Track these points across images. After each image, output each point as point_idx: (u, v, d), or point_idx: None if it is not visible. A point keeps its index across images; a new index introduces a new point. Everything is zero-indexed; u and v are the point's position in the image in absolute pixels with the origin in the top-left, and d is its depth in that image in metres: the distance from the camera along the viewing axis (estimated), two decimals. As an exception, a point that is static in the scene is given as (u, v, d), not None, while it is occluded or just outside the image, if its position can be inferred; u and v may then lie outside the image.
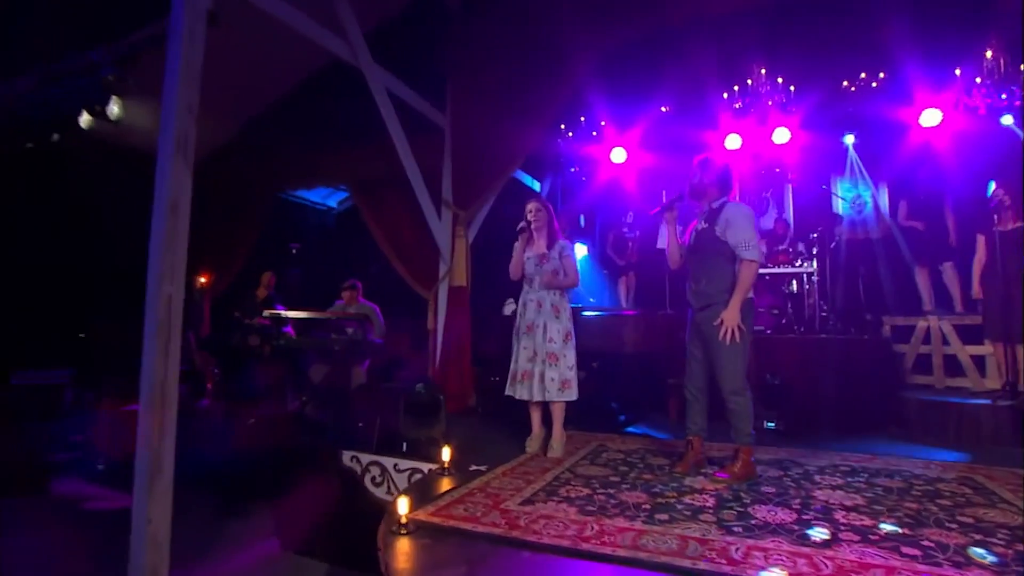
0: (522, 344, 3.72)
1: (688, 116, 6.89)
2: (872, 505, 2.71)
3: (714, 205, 3.33)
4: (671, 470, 3.33)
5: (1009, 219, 4.54)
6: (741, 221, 3.14)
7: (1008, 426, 4.09)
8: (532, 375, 3.66)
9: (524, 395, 3.68)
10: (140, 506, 2.76)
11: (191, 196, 3.13)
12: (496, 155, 5.43)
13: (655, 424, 4.77)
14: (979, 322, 5.21)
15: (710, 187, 3.34)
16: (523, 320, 3.77)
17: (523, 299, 3.83)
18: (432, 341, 5.73)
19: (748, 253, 3.10)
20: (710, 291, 3.25)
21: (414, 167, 5.25)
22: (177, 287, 3.12)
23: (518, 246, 3.80)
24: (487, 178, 5.51)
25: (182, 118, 3.08)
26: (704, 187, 3.36)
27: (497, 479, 3.16)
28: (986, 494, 2.91)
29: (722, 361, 3.15)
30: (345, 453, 3.75)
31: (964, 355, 5.20)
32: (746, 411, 3.16)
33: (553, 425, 3.72)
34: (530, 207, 3.84)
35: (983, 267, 4.74)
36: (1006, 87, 4.46)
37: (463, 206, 5.62)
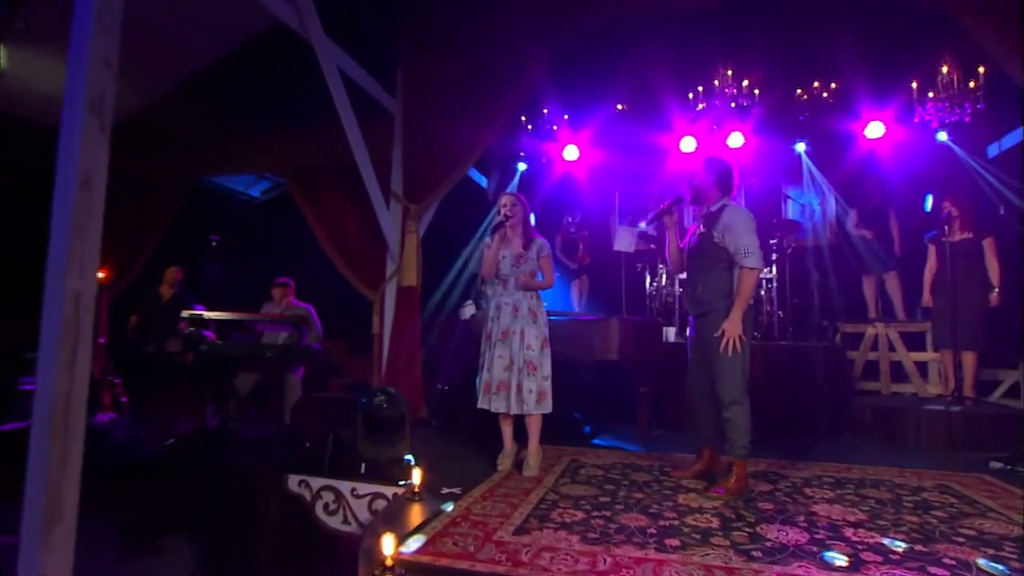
0: (497, 352, 3.47)
1: (643, 116, 6.93)
2: (875, 520, 2.69)
3: (713, 208, 3.25)
4: (672, 477, 3.36)
5: (957, 230, 4.82)
6: (740, 226, 3.07)
7: (961, 431, 4.31)
8: (509, 386, 3.42)
9: (501, 407, 3.44)
10: (30, 557, 2.28)
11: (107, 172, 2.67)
12: (452, 145, 5.15)
13: (623, 435, 4.67)
14: (922, 329, 5.54)
15: (711, 189, 3.26)
16: (497, 325, 3.53)
17: (496, 302, 3.59)
18: (378, 347, 5.36)
19: (748, 260, 3.03)
20: (706, 297, 3.19)
21: (364, 155, 4.87)
22: (88, 283, 2.65)
23: (493, 243, 3.55)
24: (442, 170, 5.22)
25: (97, 74, 2.60)
26: (705, 189, 3.28)
27: (477, 504, 2.90)
28: (970, 502, 2.99)
29: (720, 369, 3.07)
30: (292, 477, 3.34)
31: (909, 361, 5.49)
32: (743, 422, 3.10)
33: (529, 440, 3.50)
34: (505, 201, 3.61)
35: (933, 276, 5.01)
36: (961, 103, 4.72)
37: (414, 199, 5.29)
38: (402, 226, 5.32)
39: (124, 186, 5.90)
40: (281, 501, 3.34)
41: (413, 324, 5.23)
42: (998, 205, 5.50)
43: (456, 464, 3.72)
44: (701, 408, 3.37)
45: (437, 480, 3.19)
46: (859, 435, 4.76)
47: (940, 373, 5.39)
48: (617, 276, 6.88)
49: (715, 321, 3.12)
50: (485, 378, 3.51)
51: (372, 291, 5.43)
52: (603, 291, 6.97)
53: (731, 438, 3.11)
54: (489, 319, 3.59)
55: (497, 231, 3.54)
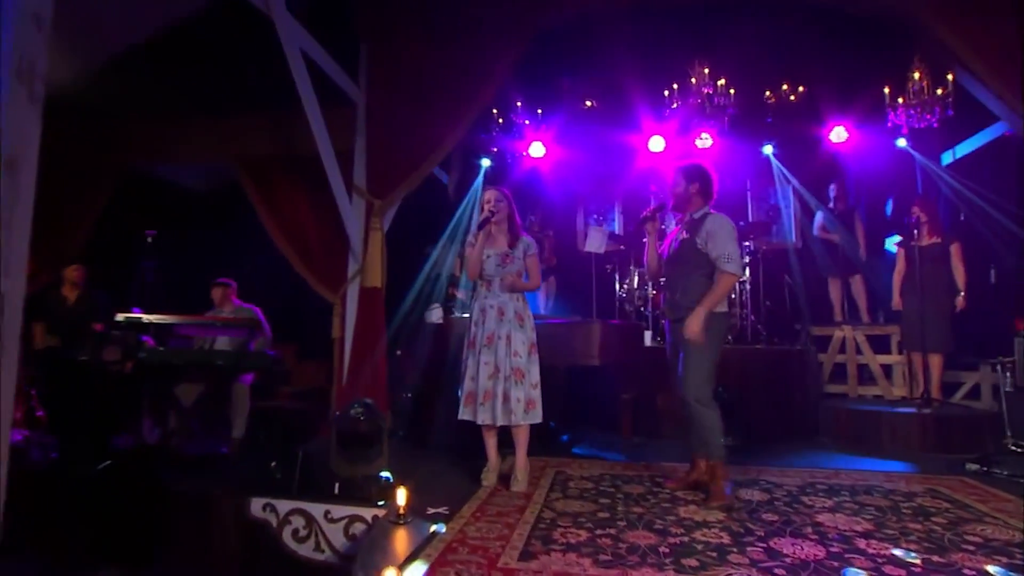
0: (482, 359, 3.30)
1: (612, 114, 6.90)
2: (882, 529, 2.68)
3: (695, 215, 3.31)
4: (667, 488, 3.31)
5: (925, 235, 4.99)
6: (723, 234, 3.16)
7: (933, 433, 4.45)
8: (494, 395, 3.26)
9: (487, 419, 3.26)
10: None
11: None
12: (420, 138, 4.94)
13: (603, 444, 4.58)
14: (888, 332, 5.73)
15: (694, 196, 3.32)
16: (481, 330, 3.36)
17: (480, 304, 3.42)
18: (339, 352, 5.06)
19: (729, 266, 3.10)
20: (685, 302, 3.21)
21: (328, 146, 4.58)
22: (16, 283, 2.34)
23: (478, 241, 3.38)
24: (408, 164, 4.99)
25: (26, 34, 2.28)
26: (688, 196, 3.33)
27: (471, 525, 2.72)
28: (962, 507, 3.04)
29: (688, 366, 3.12)
30: (255, 500, 3.05)
31: (875, 364, 5.67)
32: (712, 421, 3.12)
33: (516, 453, 3.34)
34: (488, 197, 3.45)
35: (902, 279, 5.17)
36: (931, 108, 4.90)
37: (379, 195, 5.04)
38: (365, 223, 5.06)
39: (45, 173, 5.36)
40: (242, 529, 3.05)
41: (377, 328, 4.97)
42: (959, 210, 5.75)
43: (434, 480, 3.52)
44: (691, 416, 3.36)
45: (417, 499, 2.98)
46: (833, 439, 4.85)
47: (904, 375, 5.59)
48: (585, 278, 6.82)
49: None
50: (468, 387, 3.34)
51: (332, 292, 5.13)
52: (571, 293, 6.88)
53: (705, 439, 3.12)
54: (472, 323, 3.42)
55: (482, 228, 3.37)
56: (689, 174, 3.33)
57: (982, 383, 5.25)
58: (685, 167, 3.38)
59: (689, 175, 3.32)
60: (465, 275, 6.16)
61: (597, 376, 5.00)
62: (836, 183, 6.27)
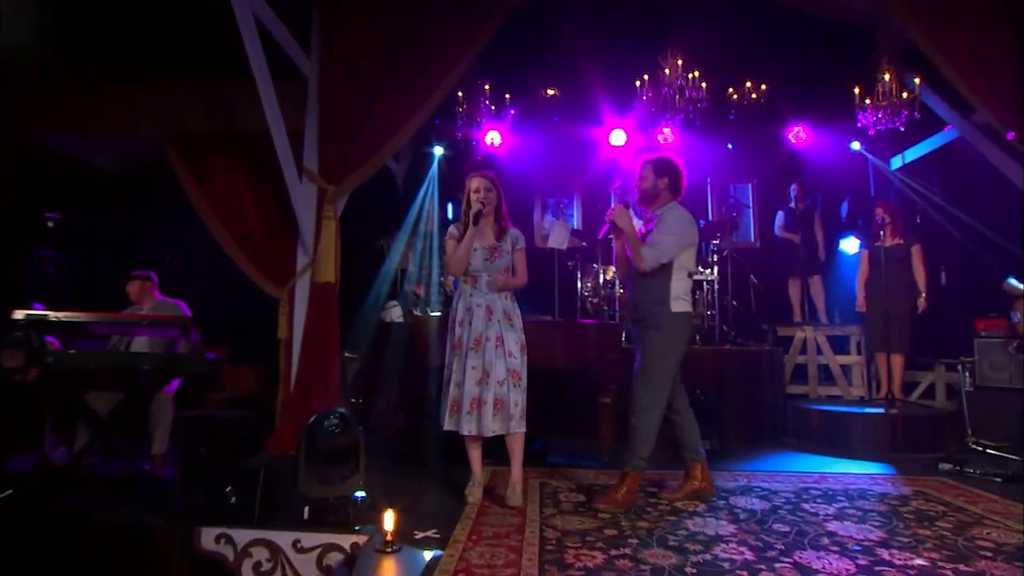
0: (469, 363, 3.06)
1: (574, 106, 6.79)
2: (895, 537, 2.68)
3: (660, 211, 3.23)
4: (663, 498, 3.21)
5: (889, 236, 5.18)
6: (668, 224, 3.12)
7: (901, 433, 4.61)
8: (482, 402, 3.03)
9: (473, 429, 3.04)
10: None
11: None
12: (383, 118, 4.60)
13: (577, 451, 4.43)
14: (847, 333, 5.94)
15: (663, 191, 3.24)
16: (467, 331, 3.13)
17: (465, 303, 3.18)
18: (285, 355, 4.65)
19: (647, 250, 3.08)
20: (642, 302, 3.19)
21: (280, 123, 4.18)
22: None
23: (467, 235, 3.14)
24: (367, 146, 4.63)
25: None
26: (656, 192, 3.24)
27: (470, 551, 2.48)
28: (957, 509, 3.12)
29: (640, 374, 3.09)
30: (206, 531, 2.67)
31: (835, 365, 5.85)
32: (649, 432, 3.07)
33: (512, 464, 3.13)
34: (478, 185, 3.22)
35: (865, 281, 5.34)
36: (899, 111, 5.08)
37: (333, 179, 4.66)
38: (317, 211, 4.67)
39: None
40: (192, 565, 2.66)
41: (330, 328, 4.59)
42: (914, 213, 6.04)
43: (412, 497, 3.25)
44: (677, 419, 3.28)
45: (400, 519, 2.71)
46: (803, 440, 4.94)
47: (863, 376, 5.81)
48: (545, 275, 6.66)
49: (649, 328, 3.13)
50: (453, 394, 3.09)
51: (278, 288, 4.70)
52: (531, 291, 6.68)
53: (632, 445, 3.07)
54: (456, 323, 3.18)
55: (476, 222, 3.14)
56: (659, 167, 3.23)
57: (936, 382, 5.52)
58: (654, 160, 3.28)
59: (658, 168, 3.23)
60: (416, 270, 5.89)
61: (565, 379, 4.86)
62: (797, 183, 6.44)
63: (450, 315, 3.22)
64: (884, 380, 5.17)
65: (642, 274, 3.15)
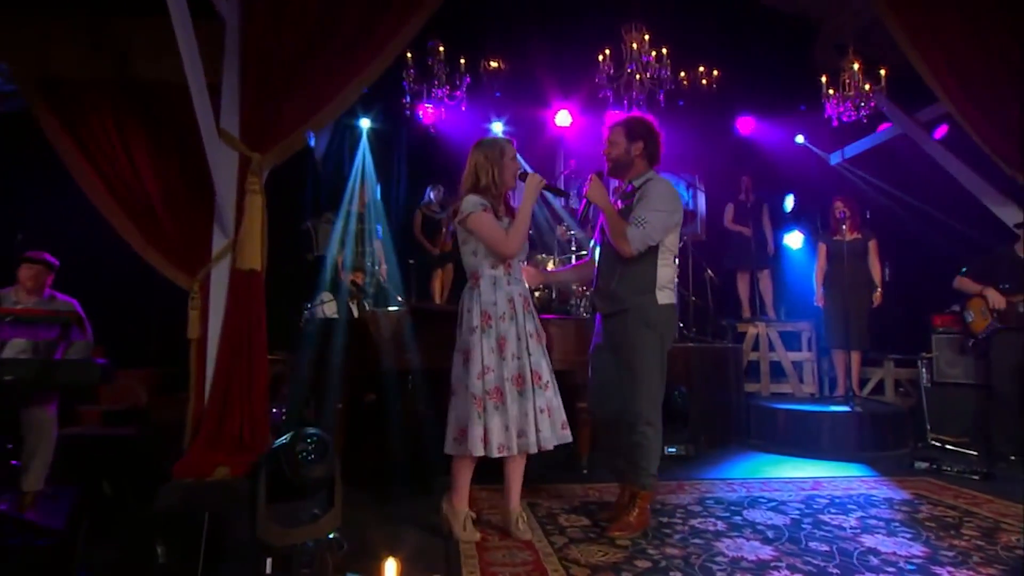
0: (516, 365, 2.64)
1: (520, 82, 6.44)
2: (939, 552, 2.57)
3: (637, 182, 2.85)
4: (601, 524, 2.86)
5: (848, 231, 5.27)
6: (653, 198, 2.71)
7: (869, 431, 4.69)
8: (538, 410, 2.62)
9: (530, 445, 2.59)
10: None
11: None
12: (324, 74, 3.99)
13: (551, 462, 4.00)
14: (799, 329, 6.04)
15: (637, 159, 2.85)
16: (511, 327, 2.66)
17: (506, 293, 2.68)
18: (197, 358, 3.93)
19: (633, 230, 2.67)
20: (624, 292, 2.79)
21: (198, 71, 3.47)
22: None
23: (527, 202, 2.73)
24: (303, 108, 4.01)
25: None
26: (630, 159, 2.85)
27: (493, 603, 2.07)
28: (966, 513, 3.11)
29: (634, 381, 2.73)
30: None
31: (787, 361, 5.94)
32: (655, 446, 2.78)
33: (512, 490, 2.71)
34: (513, 153, 2.80)
35: (823, 276, 5.43)
36: (866, 103, 5.18)
37: (260, 146, 3.99)
38: (239, 184, 3.99)
39: None
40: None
41: (256, 325, 3.93)
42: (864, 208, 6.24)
43: (385, 533, 2.77)
44: (614, 428, 2.93)
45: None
46: (770, 441, 4.92)
47: (813, 373, 5.93)
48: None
49: (632, 322, 2.76)
50: (509, 410, 2.56)
51: (188, 276, 3.96)
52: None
53: (638, 465, 2.75)
54: (495, 318, 2.64)
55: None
56: (631, 130, 2.84)
57: (886, 378, 5.73)
58: (625, 121, 2.89)
59: (631, 131, 2.84)
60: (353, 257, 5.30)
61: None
62: (747, 175, 6.49)
63: (476, 309, 2.65)
64: (842, 377, 5.28)
65: (619, 259, 2.77)
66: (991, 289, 4.42)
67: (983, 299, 4.46)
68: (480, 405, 2.54)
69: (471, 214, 2.64)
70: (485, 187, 2.69)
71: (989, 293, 4.42)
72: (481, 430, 2.52)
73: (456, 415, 2.61)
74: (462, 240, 2.76)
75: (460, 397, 2.62)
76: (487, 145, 2.78)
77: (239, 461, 3.74)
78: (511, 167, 2.76)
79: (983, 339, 4.47)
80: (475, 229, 2.64)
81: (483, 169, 2.71)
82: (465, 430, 2.56)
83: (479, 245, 2.68)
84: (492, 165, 2.71)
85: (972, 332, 4.55)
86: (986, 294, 4.43)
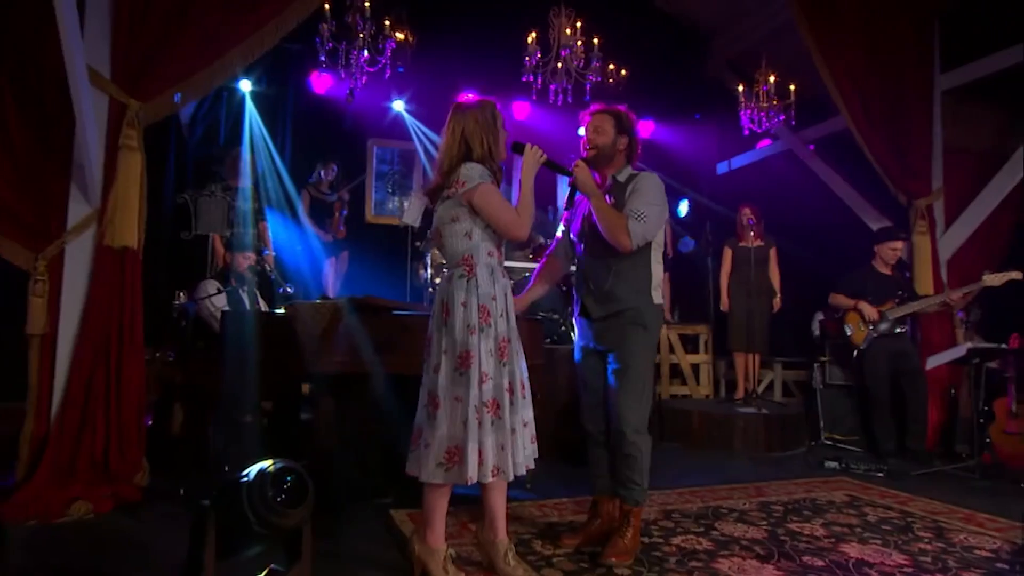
0: (508, 370, 2.25)
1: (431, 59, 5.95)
2: (918, 559, 2.61)
3: (620, 177, 2.71)
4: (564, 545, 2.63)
5: (753, 237, 5.49)
6: (650, 192, 2.58)
7: (776, 432, 4.89)
8: (524, 424, 2.29)
9: (522, 467, 2.25)
10: None
11: None
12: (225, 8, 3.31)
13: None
14: (696, 332, 6.22)
15: (619, 153, 2.72)
16: (509, 326, 2.28)
17: (502, 286, 2.30)
18: (42, 361, 3.05)
19: (635, 224, 2.49)
20: (621, 293, 2.62)
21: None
22: None
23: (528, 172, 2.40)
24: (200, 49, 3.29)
25: None
26: (615, 152, 2.71)
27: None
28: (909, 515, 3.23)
29: (627, 387, 2.57)
30: None
31: (686, 364, 6.08)
32: (647, 457, 2.65)
33: (496, 520, 2.31)
34: (500, 116, 2.40)
35: (728, 280, 5.61)
36: (780, 113, 5.40)
37: (139, 92, 3.20)
38: (109, 139, 3.17)
39: None
40: None
41: (130, 318, 3.14)
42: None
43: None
44: (597, 445, 2.81)
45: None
46: (682, 442, 4.96)
47: (709, 375, 6.13)
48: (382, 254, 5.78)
49: (629, 323, 2.60)
50: (492, 423, 2.17)
51: (29, 252, 3.06)
52: (367, 273, 5.70)
53: (629, 479, 2.59)
54: (494, 315, 2.22)
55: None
56: (620, 122, 2.69)
57: (775, 380, 6.07)
58: (614, 112, 2.73)
59: (620, 123, 2.69)
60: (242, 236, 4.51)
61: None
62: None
63: (472, 303, 2.21)
64: (741, 379, 5.51)
65: (613, 257, 2.58)
66: (863, 303, 4.77)
67: (858, 312, 4.81)
68: (478, 419, 2.13)
69: (480, 184, 2.21)
70: (480, 159, 2.27)
71: (862, 306, 4.77)
72: (477, 450, 2.12)
73: (440, 433, 2.15)
74: (449, 218, 2.28)
75: (447, 410, 2.17)
76: (475, 108, 2.34)
77: (103, 494, 2.98)
78: (503, 136, 2.37)
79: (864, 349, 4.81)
80: (484, 205, 2.22)
81: (474, 136, 2.28)
82: (456, 451, 2.13)
83: (475, 225, 2.25)
84: (485, 132, 2.30)
85: (854, 343, 4.88)
86: (860, 308, 4.79)
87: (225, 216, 4.35)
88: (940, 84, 5.32)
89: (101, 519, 2.82)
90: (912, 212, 5.15)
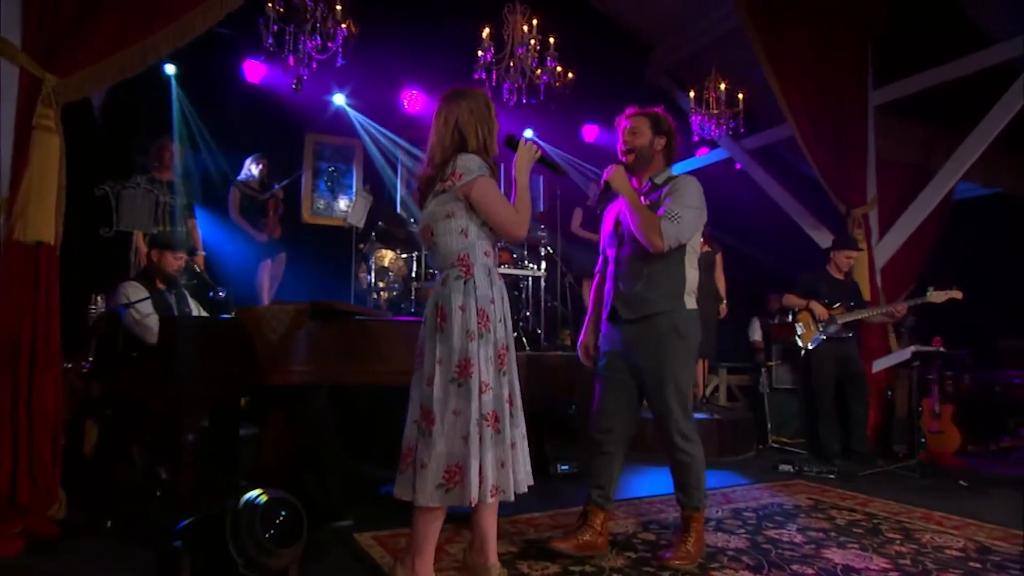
0: (507, 380, 2.11)
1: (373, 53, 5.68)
2: (897, 561, 2.64)
3: (657, 180, 2.72)
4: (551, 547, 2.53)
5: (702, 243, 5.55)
6: (689, 195, 2.59)
7: (728, 436, 4.94)
8: (522, 438, 2.16)
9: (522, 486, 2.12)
10: None
11: None
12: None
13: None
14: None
15: (658, 155, 2.72)
16: (507, 332, 2.15)
17: (499, 288, 2.15)
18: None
19: (668, 224, 2.48)
20: (652, 296, 2.60)
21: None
22: None
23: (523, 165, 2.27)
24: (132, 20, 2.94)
25: None
26: (653, 153, 2.70)
27: None
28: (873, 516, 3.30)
29: (669, 392, 2.56)
30: None
31: (634, 369, 6.08)
32: (701, 465, 2.71)
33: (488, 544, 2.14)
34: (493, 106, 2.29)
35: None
36: (729, 121, 5.48)
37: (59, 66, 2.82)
38: (18, 118, 2.77)
39: None
40: None
41: (45, 323, 2.74)
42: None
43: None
44: (616, 455, 2.79)
45: None
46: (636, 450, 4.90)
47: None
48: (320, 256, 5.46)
49: (663, 329, 2.58)
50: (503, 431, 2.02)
51: (-82, 247, 2.61)
52: (306, 277, 5.34)
53: (687, 484, 2.66)
54: (493, 320, 2.07)
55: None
56: (657, 124, 2.69)
57: (720, 385, 6.17)
58: (650, 114, 2.71)
59: (657, 125, 2.68)
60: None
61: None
62: (594, 181, 6.56)
63: (471, 306, 2.03)
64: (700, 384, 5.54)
65: (645, 260, 2.55)
66: (815, 303, 4.93)
67: (809, 312, 4.97)
68: (479, 434, 1.95)
69: (479, 177, 2.04)
70: (474, 151, 2.10)
71: (813, 306, 4.93)
72: (478, 468, 1.93)
73: (438, 451, 1.96)
74: (443, 214, 2.09)
75: (445, 425, 1.97)
76: (468, 97, 2.17)
77: (10, 532, 2.59)
78: (496, 128, 2.21)
79: (812, 351, 4.96)
80: (482, 199, 2.05)
81: (468, 126, 2.12)
82: (457, 470, 1.94)
83: (472, 222, 2.08)
84: (480, 122, 2.14)
85: (803, 343, 5.03)
86: (811, 307, 4.94)
87: (151, 211, 3.92)
88: (873, 99, 5.58)
89: (11, 563, 2.42)
90: (850, 221, 5.36)
